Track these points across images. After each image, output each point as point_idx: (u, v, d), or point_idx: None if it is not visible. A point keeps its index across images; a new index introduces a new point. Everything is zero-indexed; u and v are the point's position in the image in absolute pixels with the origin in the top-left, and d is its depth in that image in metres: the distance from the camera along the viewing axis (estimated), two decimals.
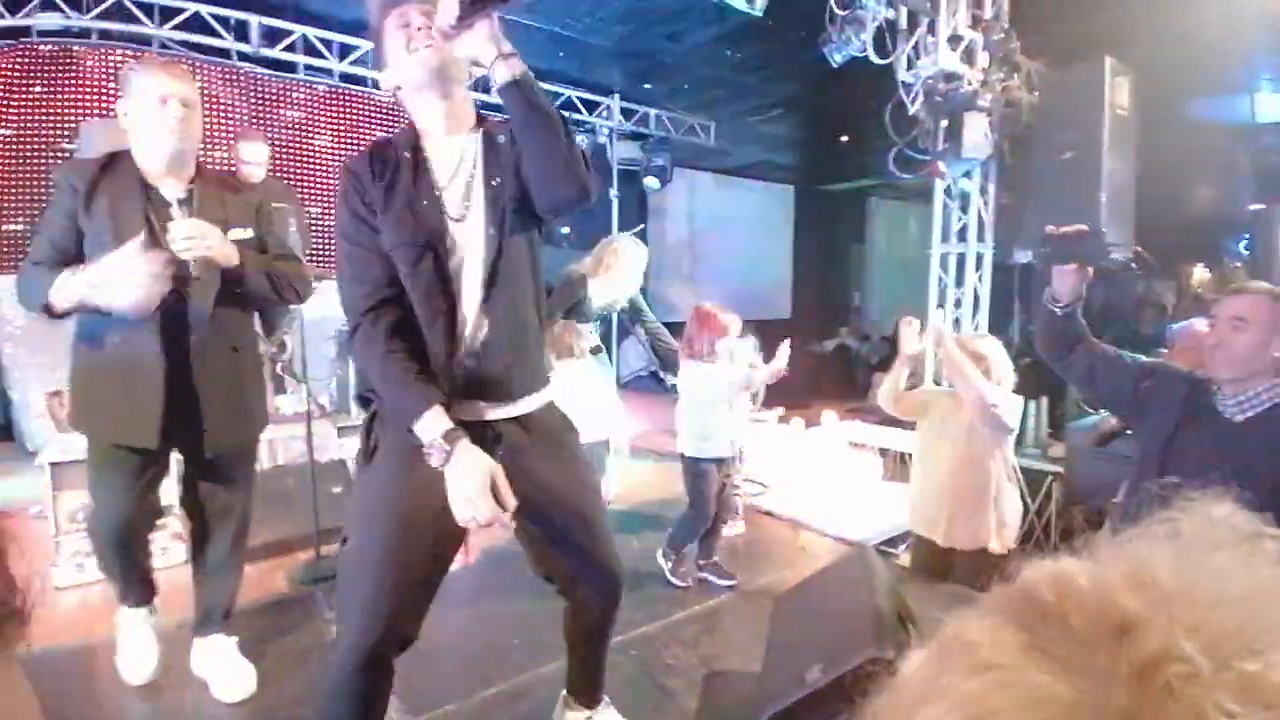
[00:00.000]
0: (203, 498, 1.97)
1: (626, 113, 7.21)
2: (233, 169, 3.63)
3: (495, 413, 1.36)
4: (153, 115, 1.67)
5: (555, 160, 1.28)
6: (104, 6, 4.65)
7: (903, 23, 3.89)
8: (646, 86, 6.91)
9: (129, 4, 4.73)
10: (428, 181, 1.32)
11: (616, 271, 3.04)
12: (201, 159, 1.86)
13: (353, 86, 5.69)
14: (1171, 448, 1.63)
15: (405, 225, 1.28)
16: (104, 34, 4.72)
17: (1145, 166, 4.21)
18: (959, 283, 4.19)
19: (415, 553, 1.30)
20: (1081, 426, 2.97)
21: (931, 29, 3.88)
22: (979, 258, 4.22)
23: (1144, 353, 2.12)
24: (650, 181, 7.47)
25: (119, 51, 4.68)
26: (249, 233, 1.84)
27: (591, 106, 6.89)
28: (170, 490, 2.23)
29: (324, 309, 4.12)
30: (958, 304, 4.19)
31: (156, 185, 1.72)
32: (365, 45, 5.48)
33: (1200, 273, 5.69)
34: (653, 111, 7.35)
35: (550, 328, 3.02)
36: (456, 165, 1.34)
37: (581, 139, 6.76)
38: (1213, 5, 4.22)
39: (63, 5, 4.58)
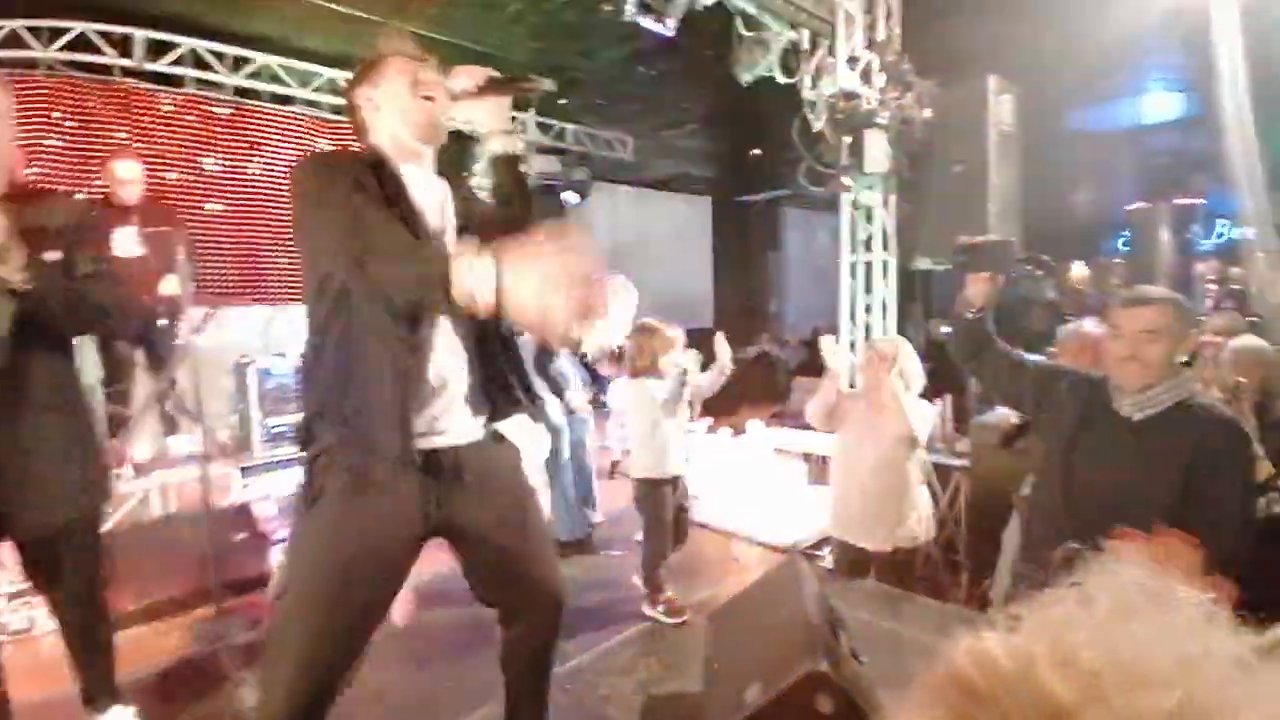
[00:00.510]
0: (40, 585, 1.72)
1: (543, 127, 7.16)
2: (107, 191, 3.35)
3: (456, 438, 1.35)
4: None
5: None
6: None
7: (805, 44, 4.04)
8: (562, 102, 6.89)
9: (18, 30, 4.33)
10: (409, 199, 1.32)
11: (611, 316, 2.90)
12: (45, 180, 1.65)
13: (248, 101, 5.37)
14: (1074, 448, 1.71)
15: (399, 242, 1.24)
16: None
17: (1033, 175, 4.54)
18: (868, 290, 4.38)
19: (356, 603, 1.26)
20: (984, 423, 3.16)
21: (832, 50, 4.06)
22: (885, 266, 4.43)
23: (1037, 351, 2.27)
24: (569, 196, 7.44)
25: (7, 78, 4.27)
26: (56, 254, 1.57)
27: None
28: None
29: (220, 340, 3.88)
30: (868, 310, 4.37)
31: None
32: (262, 58, 5.20)
33: (1078, 269, 6.18)
34: (570, 126, 7.34)
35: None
36: (429, 195, 1.38)
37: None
38: (1098, 17, 4.61)
39: None
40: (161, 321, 3.25)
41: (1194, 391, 1.63)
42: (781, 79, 3.94)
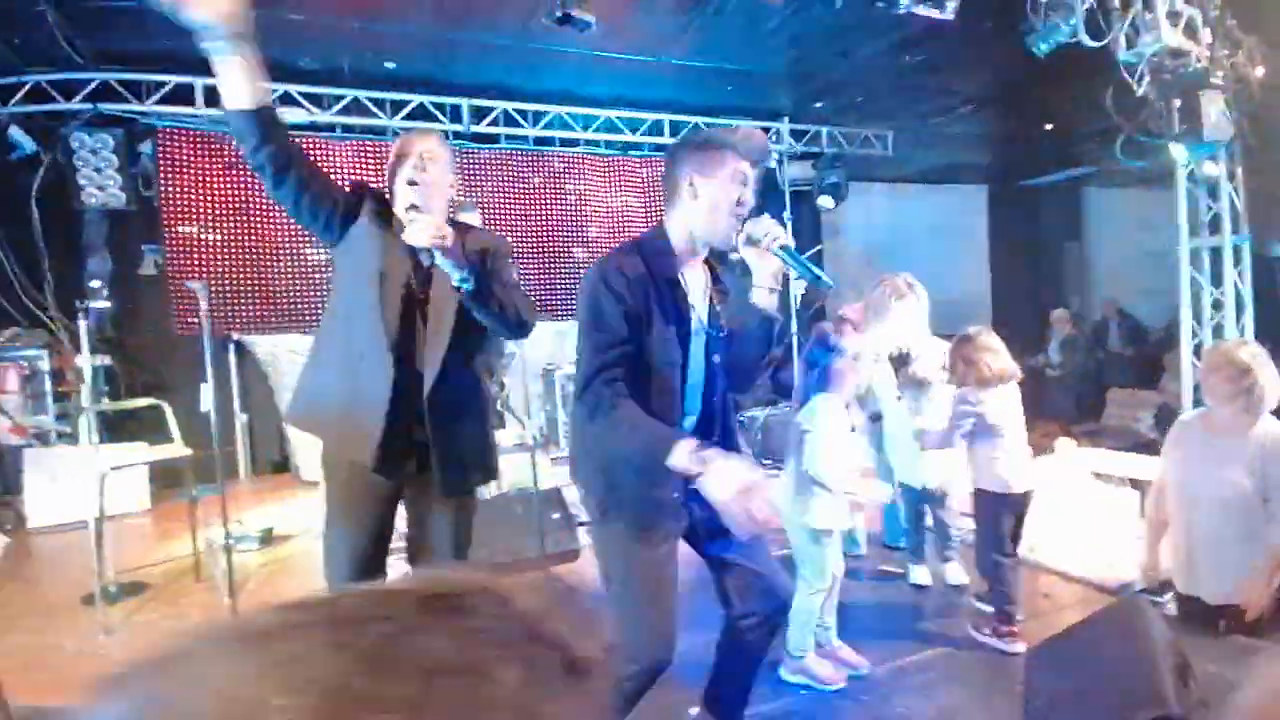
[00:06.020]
0: (423, 555, 1.86)
1: (797, 134, 7.14)
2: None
3: None
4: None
5: (753, 370, 1.69)
6: (343, 104, 5.61)
7: (1115, 1, 3.47)
8: (817, 105, 6.81)
9: (365, 100, 5.66)
10: (685, 300, 1.61)
11: (893, 317, 2.82)
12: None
13: (546, 149, 6.31)
14: None
15: (665, 334, 1.58)
16: (346, 128, 5.72)
17: None
18: (1216, 282, 3.56)
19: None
20: None
21: (1148, 5, 3.42)
22: (1236, 251, 3.57)
23: None
24: (824, 201, 7.29)
25: (358, 143, 5.70)
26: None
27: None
28: None
29: (532, 350, 4.60)
30: (1216, 306, 3.56)
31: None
32: (555, 109, 6.06)
33: None
34: (824, 129, 7.21)
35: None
36: (697, 288, 1.66)
37: None
38: None
39: (305, 103, 5.54)
40: None
41: None
42: (1088, 43, 3.43)
